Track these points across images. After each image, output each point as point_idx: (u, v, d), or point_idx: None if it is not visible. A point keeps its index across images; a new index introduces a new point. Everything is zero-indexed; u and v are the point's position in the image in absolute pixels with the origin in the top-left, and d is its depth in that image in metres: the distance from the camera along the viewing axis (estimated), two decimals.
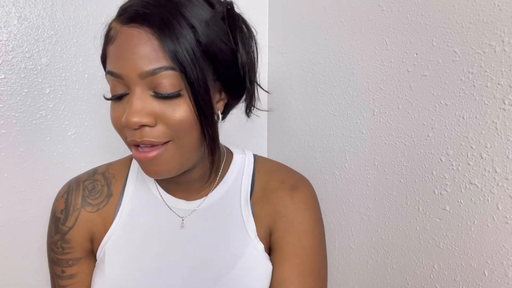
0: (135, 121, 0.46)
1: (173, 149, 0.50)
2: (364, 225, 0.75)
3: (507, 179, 0.51)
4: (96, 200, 0.61)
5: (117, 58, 0.47)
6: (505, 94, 0.50)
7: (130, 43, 0.46)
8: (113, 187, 0.63)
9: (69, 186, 0.63)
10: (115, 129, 0.52)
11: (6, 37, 0.76)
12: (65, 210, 0.61)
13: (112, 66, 0.48)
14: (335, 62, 0.80)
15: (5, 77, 0.77)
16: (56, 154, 0.84)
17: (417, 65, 0.61)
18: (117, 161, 0.67)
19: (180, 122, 0.48)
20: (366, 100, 0.72)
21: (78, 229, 0.60)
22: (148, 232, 0.60)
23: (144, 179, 0.63)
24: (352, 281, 0.80)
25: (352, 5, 0.73)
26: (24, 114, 0.80)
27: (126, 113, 0.47)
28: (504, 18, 0.49)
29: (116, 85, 0.49)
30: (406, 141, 0.65)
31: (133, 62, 0.46)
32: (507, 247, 0.52)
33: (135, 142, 0.49)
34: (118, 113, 0.49)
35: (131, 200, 0.62)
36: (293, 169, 0.66)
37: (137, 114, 0.46)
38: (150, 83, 0.47)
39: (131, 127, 0.47)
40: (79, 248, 0.61)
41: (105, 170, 0.64)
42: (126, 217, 0.61)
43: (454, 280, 0.59)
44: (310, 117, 0.89)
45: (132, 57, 0.46)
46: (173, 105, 0.48)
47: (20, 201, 0.81)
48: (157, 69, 0.46)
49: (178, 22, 0.46)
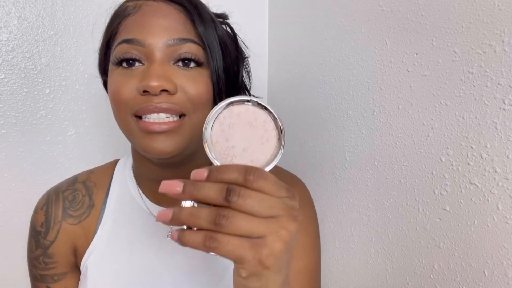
0: (158, 84, 0.45)
1: (186, 125, 0.48)
2: (364, 225, 0.75)
3: (507, 179, 0.51)
4: (77, 212, 0.59)
5: (140, 26, 0.47)
6: (505, 94, 0.50)
7: (157, 13, 0.47)
8: (95, 196, 0.60)
9: (48, 197, 0.60)
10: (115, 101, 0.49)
11: (6, 37, 0.76)
12: (45, 223, 0.58)
13: (132, 34, 0.47)
14: (335, 62, 0.80)
15: (5, 77, 0.77)
16: (56, 154, 0.84)
17: (417, 65, 0.61)
18: (99, 168, 0.64)
19: (199, 94, 0.48)
20: (366, 100, 0.72)
21: (61, 243, 0.58)
22: (133, 244, 0.58)
23: (129, 187, 0.60)
24: (352, 281, 0.80)
25: (352, 5, 0.73)
26: (24, 114, 0.80)
27: (146, 77, 0.45)
28: (504, 18, 0.49)
29: (129, 54, 0.47)
30: (406, 141, 0.65)
31: (159, 30, 0.47)
32: (507, 247, 0.52)
33: (152, 107, 0.45)
34: (126, 82, 0.47)
35: (114, 211, 0.59)
36: (283, 169, 0.65)
37: (160, 78, 0.45)
38: (173, 53, 0.47)
39: (152, 91, 0.45)
40: (63, 262, 0.58)
41: (86, 179, 0.61)
42: (109, 230, 0.58)
43: (454, 280, 0.59)
44: (310, 117, 0.89)
45: (159, 25, 0.47)
46: (193, 76, 0.48)
47: (20, 201, 0.81)
48: (184, 40, 0.47)
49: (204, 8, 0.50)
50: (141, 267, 0.57)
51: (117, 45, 0.48)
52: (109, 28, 0.52)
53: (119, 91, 0.47)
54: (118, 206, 0.59)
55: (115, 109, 0.49)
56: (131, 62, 0.47)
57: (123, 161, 0.64)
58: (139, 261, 0.57)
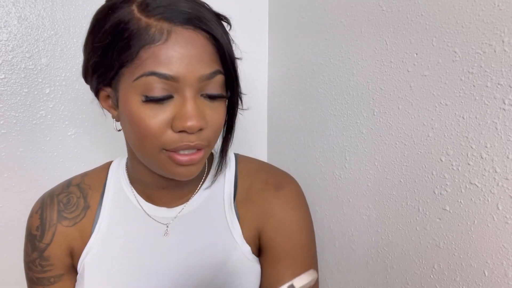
0: (198, 125, 0.45)
1: (207, 153, 0.52)
2: (364, 225, 0.75)
3: (507, 179, 0.51)
4: (72, 214, 0.59)
5: (174, 60, 0.44)
6: (505, 94, 0.50)
7: (189, 44, 0.45)
8: (90, 198, 0.60)
9: (43, 201, 0.60)
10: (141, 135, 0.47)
11: (6, 37, 0.76)
12: (40, 227, 0.58)
13: (165, 68, 0.44)
14: (335, 62, 0.80)
15: (5, 77, 0.77)
16: (56, 154, 0.84)
17: (417, 65, 0.61)
18: (93, 170, 0.64)
19: (221, 126, 0.51)
20: (366, 100, 0.72)
21: (56, 245, 0.58)
22: (129, 243, 0.58)
23: (123, 188, 0.60)
24: (352, 281, 0.80)
25: (352, 5, 0.73)
26: (24, 114, 0.80)
27: (183, 117, 0.45)
28: (504, 18, 0.49)
29: (158, 88, 0.45)
30: (406, 141, 0.65)
31: (194, 64, 0.45)
32: (507, 247, 0.52)
33: (186, 146, 0.47)
34: (155, 115, 0.45)
35: (109, 211, 0.59)
36: (276, 167, 0.65)
37: (198, 118, 0.46)
38: (204, 86, 0.47)
39: (190, 131, 0.46)
40: (59, 264, 0.59)
41: (80, 181, 0.62)
42: (105, 230, 0.58)
43: (454, 280, 0.59)
44: (310, 117, 0.89)
45: (193, 58, 0.45)
46: (216, 108, 0.49)
47: (20, 201, 0.81)
48: (214, 73, 0.47)
49: (221, 28, 0.49)
50: (137, 265, 0.57)
51: (143, 76, 0.45)
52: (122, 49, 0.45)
53: (148, 125, 0.46)
54: (114, 206, 0.60)
55: (141, 140, 0.48)
56: (161, 96, 0.45)
57: (117, 162, 0.64)
58: (135, 259, 0.58)
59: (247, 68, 1.05)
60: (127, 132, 0.51)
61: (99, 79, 0.50)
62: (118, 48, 0.45)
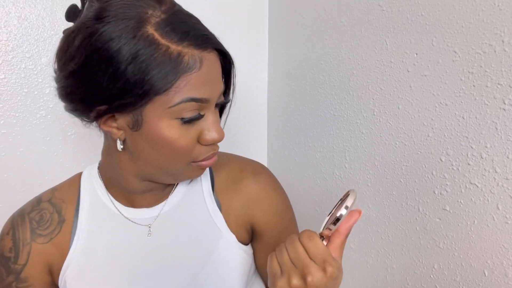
0: (223, 136, 0.52)
1: None
2: (364, 225, 0.75)
3: (507, 179, 0.51)
4: (47, 230, 0.58)
5: (205, 84, 0.48)
6: (505, 94, 0.50)
7: (214, 67, 0.49)
8: (64, 211, 0.59)
9: (13, 221, 0.58)
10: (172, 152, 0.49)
11: (6, 37, 0.76)
12: (14, 248, 0.57)
13: (198, 92, 0.47)
14: (335, 62, 0.80)
15: (5, 77, 0.77)
16: (56, 154, 0.84)
17: (417, 65, 0.61)
18: (62, 184, 0.63)
19: None
20: (366, 100, 0.72)
21: (33, 264, 0.57)
22: (112, 250, 0.58)
23: (100, 196, 0.60)
24: (352, 281, 0.80)
25: (352, 5, 0.73)
26: (24, 114, 0.80)
27: (212, 131, 0.50)
28: (504, 18, 0.49)
29: (192, 110, 0.48)
30: (406, 141, 0.65)
31: (218, 85, 0.51)
32: (507, 247, 0.52)
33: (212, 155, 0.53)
34: (186, 133, 0.49)
35: (87, 221, 0.58)
36: (241, 156, 0.67)
37: (222, 131, 0.52)
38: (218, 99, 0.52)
39: (217, 142, 0.52)
40: (38, 284, 0.57)
41: (51, 197, 0.60)
42: (84, 241, 0.58)
43: (454, 280, 0.59)
44: (310, 117, 0.89)
45: (217, 81, 0.50)
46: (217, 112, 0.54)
47: (20, 201, 0.81)
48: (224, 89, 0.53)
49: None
50: (123, 270, 0.57)
51: (182, 102, 0.46)
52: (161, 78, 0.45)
53: (182, 144, 0.49)
54: (91, 215, 0.59)
55: (171, 159, 0.51)
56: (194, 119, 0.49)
57: (87, 172, 0.63)
58: (120, 265, 0.57)
59: (247, 68, 1.05)
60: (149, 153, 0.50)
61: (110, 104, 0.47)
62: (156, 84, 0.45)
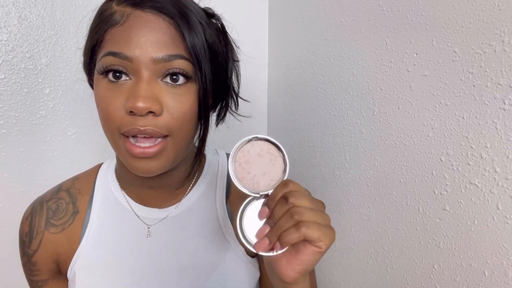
0: (145, 106, 0.44)
1: (171, 145, 0.48)
2: (364, 225, 0.75)
3: (507, 179, 0.51)
4: (60, 220, 0.59)
5: (127, 40, 0.45)
6: (505, 94, 0.50)
7: (145, 26, 0.45)
8: (79, 203, 0.59)
9: (33, 208, 0.60)
10: (103, 118, 0.47)
11: (6, 37, 0.76)
12: (29, 233, 0.59)
13: (119, 47, 0.45)
14: (335, 62, 0.80)
15: (5, 77, 0.77)
16: (56, 154, 0.84)
17: (417, 65, 0.61)
18: (83, 173, 0.64)
19: (185, 114, 0.47)
20: (366, 100, 0.72)
21: (42, 252, 0.58)
22: (118, 246, 0.58)
23: (112, 190, 0.60)
24: (352, 281, 0.80)
25: (352, 5, 0.73)
26: (24, 114, 0.80)
27: (132, 97, 0.44)
28: (504, 18, 0.49)
29: (116, 66, 0.46)
30: (406, 141, 0.65)
31: (148, 46, 0.45)
32: (507, 247, 0.52)
33: (136, 130, 0.45)
34: (114, 99, 0.45)
35: (99, 214, 0.59)
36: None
37: (147, 99, 0.44)
38: (161, 69, 0.46)
39: (138, 113, 0.44)
40: (45, 270, 0.59)
41: (70, 186, 0.61)
42: (95, 234, 0.58)
43: (454, 280, 0.59)
44: (310, 117, 0.89)
45: (148, 40, 0.45)
46: (180, 95, 0.47)
47: (20, 201, 0.81)
48: (173, 56, 0.46)
49: (194, 16, 0.47)
50: (128, 267, 0.57)
51: (103, 56, 0.46)
52: (95, 34, 0.49)
53: (107, 108, 0.46)
54: (103, 209, 0.59)
55: (104, 124, 0.48)
56: (117, 75, 0.46)
57: (106, 164, 0.64)
58: (126, 261, 0.57)
59: (247, 68, 1.05)
60: None
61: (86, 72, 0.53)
62: (92, 39, 0.49)
